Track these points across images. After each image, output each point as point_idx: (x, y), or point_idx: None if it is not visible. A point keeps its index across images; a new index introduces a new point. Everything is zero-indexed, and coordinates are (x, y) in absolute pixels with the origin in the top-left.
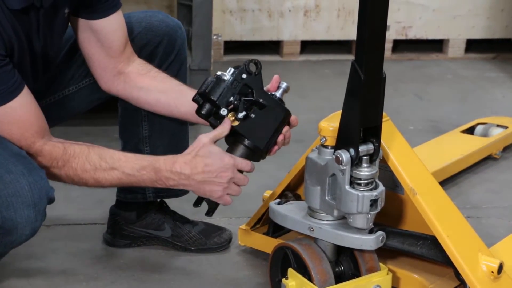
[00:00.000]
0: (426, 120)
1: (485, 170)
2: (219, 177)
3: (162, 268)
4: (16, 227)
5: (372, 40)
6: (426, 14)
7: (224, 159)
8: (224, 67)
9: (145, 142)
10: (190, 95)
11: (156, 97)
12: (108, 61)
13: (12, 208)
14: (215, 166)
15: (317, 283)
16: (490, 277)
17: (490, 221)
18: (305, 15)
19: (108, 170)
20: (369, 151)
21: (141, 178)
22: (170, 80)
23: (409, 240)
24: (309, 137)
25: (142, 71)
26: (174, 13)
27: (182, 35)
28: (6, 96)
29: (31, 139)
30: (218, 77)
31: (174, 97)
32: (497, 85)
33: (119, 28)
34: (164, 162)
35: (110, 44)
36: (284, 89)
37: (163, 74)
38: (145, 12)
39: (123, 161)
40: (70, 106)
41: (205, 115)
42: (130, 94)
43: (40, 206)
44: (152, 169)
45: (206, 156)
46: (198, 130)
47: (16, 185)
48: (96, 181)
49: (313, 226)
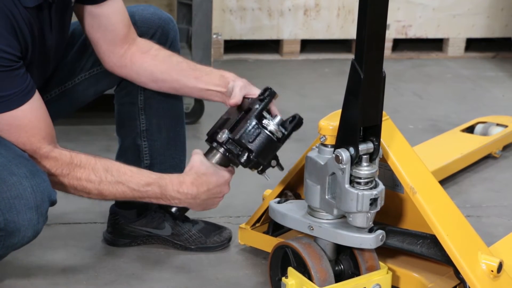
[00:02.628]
0: (426, 119)
1: (485, 169)
2: (220, 193)
3: (162, 267)
4: (19, 229)
5: (372, 39)
6: (426, 13)
7: (224, 176)
8: (224, 66)
9: (143, 136)
10: (191, 74)
11: (161, 78)
12: (113, 44)
13: (14, 210)
14: (218, 183)
15: (317, 282)
16: (490, 276)
17: (490, 220)
18: (305, 14)
19: (113, 183)
20: (369, 150)
21: (146, 194)
22: (170, 58)
23: (408, 239)
24: (309, 136)
25: (143, 48)
26: (174, 12)
27: (174, 27)
28: (18, 101)
29: (37, 145)
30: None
31: (176, 78)
32: (497, 84)
33: (120, 11)
34: (171, 182)
35: (113, 28)
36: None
37: (164, 51)
38: (136, 6)
39: (129, 175)
40: (74, 98)
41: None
42: (138, 76)
43: (42, 209)
44: (158, 187)
45: (210, 174)
46: (198, 129)
47: (19, 187)
48: (100, 192)
49: (313, 225)
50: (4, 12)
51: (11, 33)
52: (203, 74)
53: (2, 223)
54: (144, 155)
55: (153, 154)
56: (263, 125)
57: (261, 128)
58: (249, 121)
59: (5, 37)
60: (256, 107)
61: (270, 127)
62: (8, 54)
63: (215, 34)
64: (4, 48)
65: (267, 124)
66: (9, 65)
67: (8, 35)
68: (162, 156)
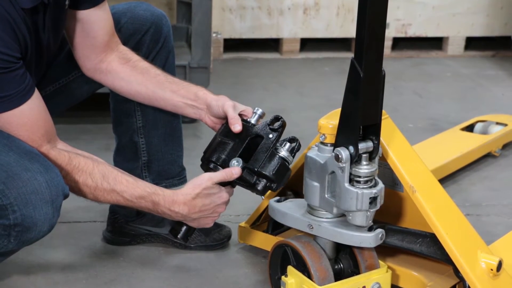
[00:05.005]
0: (426, 118)
1: (484, 168)
2: (214, 212)
3: (162, 266)
4: (35, 224)
5: (372, 37)
6: (426, 12)
7: (223, 197)
8: (224, 65)
9: (140, 133)
10: (167, 86)
11: (136, 89)
12: (92, 50)
13: (31, 205)
14: (212, 205)
15: (317, 281)
16: (489, 275)
17: (489, 219)
18: (304, 13)
19: (108, 191)
20: (369, 149)
21: (139, 205)
22: (148, 71)
23: (408, 238)
24: (308, 134)
25: (123, 60)
26: (174, 11)
27: (167, 23)
28: (18, 100)
29: (38, 142)
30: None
31: (153, 89)
32: (496, 83)
33: (105, 19)
34: (164, 199)
35: (94, 34)
36: (260, 115)
37: (143, 63)
38: (128, 3)
39: (125, 185)
40: (68, 95)
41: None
42: (112, 84)
43: (57, 203)
44: (151, 202)
45: (206, 197)
46: (197, 127)
47: (34, 182)
48: (95, 197)
49: (312, 223)
50: (2, 14)
51: (9, 35)
52: (180, 88)
53: (19, 218)
54: (141, 152)
55: (151, 151)
56: (279, 154)
57: (278, 158)
58: (268, 152)
59: (2, 39)
60: (270, 137)
61: (282, 153)
62: (6, 56)
63: (215, 33)
64: (2, 49)
65: (280, 152)
66: (7, 67)
67: (6, 36)
68: (159, 152)
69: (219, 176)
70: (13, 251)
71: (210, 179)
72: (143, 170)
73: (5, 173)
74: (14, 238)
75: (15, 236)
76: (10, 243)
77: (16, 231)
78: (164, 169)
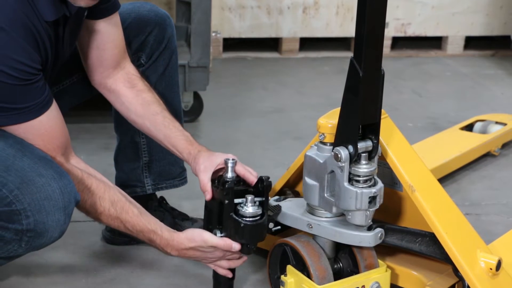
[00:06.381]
0: (425, 117)
1: (484, 167)
2: (205, 259)
3: (161, 265)
4: (47, 230)
5: (371, 37)
6: (425, 11)
7: (215, 253)
8: (223, 64)
9: (141, 133)
10: (161, 130)
11: (133, 119)
12: (100, 63)
13: (44, 211)
14: (204, 257)
15: (316, 280)
16: (489, 274)
17: (489, 218)
18: (304, 12)
19: (113, 217)
20: (368, 148)
21: (137, 235)
22: (149, 106)
23: (407, 237)
24: (307, 134)
25: (128, 83)
26: (173, 10)
27: (171, 23)
28: (37, 112)
29: (53, 153)
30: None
31: (148, 126)
32: (496, 82)
33: (115, 33)
34: (160, 240)
35: (104, 47)
36: (232, 166)
37: (146, 94)
38: (132, 3)
39: (130, 216)
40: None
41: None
42: (114, 103)
43: (69, 209)
44: (148, 238)
45: (198, 251)
46: (197, 127)
47: (48, 189)
48: (97, 218)
49: (311, 223)
50: (27, 25)
51: (33, 46)
52: (171, 135)
53: (31, 224)
54: (142, 152)
55: (152, 151)
56: (243, 218)
57: (243, 221)
58: (229, 218)
59: (26, 50)
60: (226, 202)
61: (248, 212)
62: (29, 68)
63: (214, 32)
64: (25, 61)
65: (244, 212)
66: (29, 79)
67: (30, 48)
68: (160, 153)
69: (215, 242)
70: (19, 255)
71: (205, 241)
72: (144, 170)
73: (20, 178)
74: (26, 243)
75: (26, 241)
76: (21, 248)
77: (28, 236)
78: (165, 170)
